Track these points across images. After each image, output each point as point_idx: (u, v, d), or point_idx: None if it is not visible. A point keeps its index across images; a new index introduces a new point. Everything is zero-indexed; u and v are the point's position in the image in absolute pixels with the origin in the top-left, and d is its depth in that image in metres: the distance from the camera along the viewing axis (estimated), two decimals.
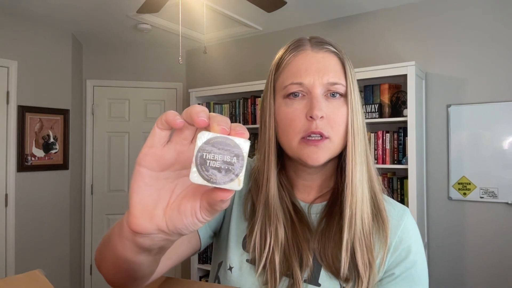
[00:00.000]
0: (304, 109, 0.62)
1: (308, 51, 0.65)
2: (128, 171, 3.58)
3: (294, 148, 0.63)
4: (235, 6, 2.65)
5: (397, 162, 2.36)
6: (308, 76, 0.63)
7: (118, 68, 3.57)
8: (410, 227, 0.68)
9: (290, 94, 0.64)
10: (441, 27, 2.47)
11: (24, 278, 0.62)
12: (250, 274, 0.65)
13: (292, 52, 0.66)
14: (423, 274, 0.65)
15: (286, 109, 0.64)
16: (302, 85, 0.63)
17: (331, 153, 0.64)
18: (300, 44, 0.66)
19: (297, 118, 0.62)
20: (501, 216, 2.27)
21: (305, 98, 0.63)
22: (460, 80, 2.41)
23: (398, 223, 0.67)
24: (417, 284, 0.64)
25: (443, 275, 2.44)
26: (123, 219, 0.42)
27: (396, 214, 0.68)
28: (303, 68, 0.63)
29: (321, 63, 0.63)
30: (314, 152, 0.62)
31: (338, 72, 0.64)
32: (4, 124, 2.78)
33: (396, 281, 0.64)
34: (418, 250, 0.66)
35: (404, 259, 0.64)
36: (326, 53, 0.65)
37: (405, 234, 0.66)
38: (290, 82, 0.63)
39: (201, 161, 0.33)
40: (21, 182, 2.85)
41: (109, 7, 2.65)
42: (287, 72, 0.65)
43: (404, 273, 0.64)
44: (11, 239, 2.79)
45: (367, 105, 2.44)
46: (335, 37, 2.88)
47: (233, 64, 3.38)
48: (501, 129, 2.27)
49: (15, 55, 2.83)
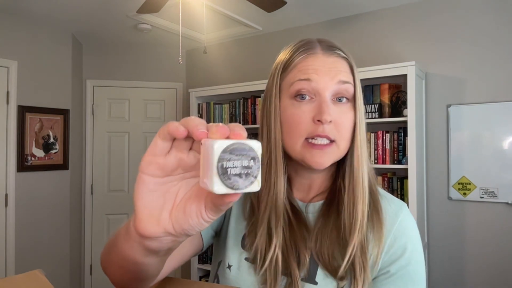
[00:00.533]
0: (311, 112, 0.62)
1: (319, 55, 0.65)
2: (128, 171, 3.58)
3: (298, 150, 0.63)
4: (235, 6, 2.65)
5: (397, 162, 2.36)
6: (318, 76, 0.62)
7: (118, 68, 3.57)
8: (406, 224, 0.67)
9: (297, 93, 0.63)
10: (441, 27, 2.47)
11: (24, 278, 0.62)
12: (249, 272, 0.66)
13: (302, 54, 0.66)
14: (420, 272, 0.65)
15: (293, 110, 0.63)
16: (309, 81, 0.62)
17: (336, 157, 0.64)
18: (310, 47, 0.66)
19: (304, 120, 0.62)
20: (501, 216, 2.27)
21: (313, 101, 0.63)
22: (460, 80, 2.41)
23: (393, 220, 0.66)
24: (413, 281, 0.63)
25: (443, 275, 2.44)
26: (129, 222, 0.43)
27: (392, 211, 0.67)
28: (312, 68, 0.63)
29: (332, 65, 0.64)
30: (319, 156, 0.62)
31: (348, 73, 0.65)
32: (4, 124, 2.78)
33: (392, 279, 0.63)
34: (414, 248, 0.65)
35: (399, 257, 0.64)
36: (337, 58, 0.65)
37: (400, 231, 0.65)
38: (298, 79, 0.63)
39: (223, 171, 0.33)
40: (21, 182, 2.85)
41: (109, 7, 2.65)
42: (295, 71, 0.65)
43: (400, 271, 0.63)
44: (11, 239, 2.79)
45: (367, 105, 2.44)
46: (335, 37, 2.88)
47: (233, 64, 3.38)
48: (501, 129, 2.27)
49: (15, 55, 2.83)
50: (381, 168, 2.51)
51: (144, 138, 3.61)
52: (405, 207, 0.69)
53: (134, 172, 3.57)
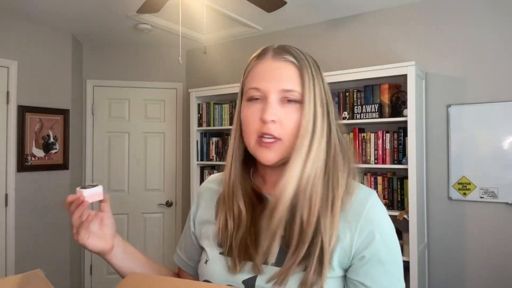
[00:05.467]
0: (259, 112, 0.69)
1: (268, 59, 0.71)
2: (128, 171, 3.57)
3: (252, 147, 0.71)
4: (235, 6, 2.65)
5: (397, 162, 2.36)
6: (264, 82, 0.70)
7: (118, 68, 3.58)
8: (375, 209, 0.70)
9: (250, 98, 0.71)
10: (441, 27, 2.47)
11: (24, 278, 0.62)
12: (221, 264, 0.73)
13: (256, 60, 0.73)
14: (394, 253, 0.69)
15: (246, 111, 0.72)
16: (258, 90, 0.70)
17: (283, 153, 0.70)
18: (264, 52, 0.73)
19: (253, 120, 0.70)
20: (501, 216, 2.27)
21: (262, 102, 0.70)
22: (460, 80, 2.41)
23: (362, 206, 0.69)
24: (389, 263, 0.67)
25: (443, 275, 2.44)
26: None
27: (361, 197, 0.70)
28: (261, 75, 0.71)
29: (277, 71, 0.70)
30: (266, 153, 0.69)
31: (294, 80, 0.69)
32: (4, 124, 2.78)
33: (369, 263, 0.66)
34: (385, 231, 0.69)
35: (371, 241, 0.67)
36: (284, 63, 0.70)
37: (370, 217, 0.68)
38: (249, 87, 0.72)
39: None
40: (21, 182, 2.85)
41: (109, 7, 2.65)
42: (249, 78, 0.73)
43: (375, 255, 0.66)
44: (11, 239, 2.79)
45: (367, 105, 2.44)
46: (335, 37, 2.89)
47: (233, 64, 3.38)
48: (501, 129, 2.27)
49: (15, 55, 2.83)
50: (381, 168, 2.52)
51: (144, 138, 3.62)
52: (374, 194, 0.72)
53: (134, 172, 3.58)
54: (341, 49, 2.86)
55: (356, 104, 2.52)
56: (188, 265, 0.88)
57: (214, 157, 3.22)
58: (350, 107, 2.55)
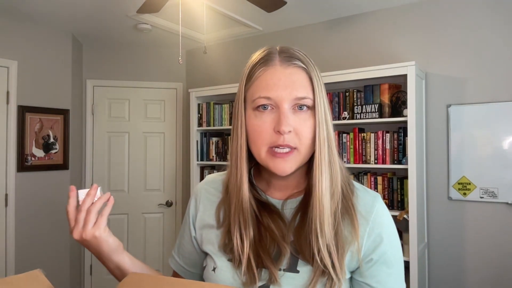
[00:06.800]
0: (272, 122, 0.66)
1: (277, 67, 0.68)
2: (128, 171, 3.57)
3: (262, 158, 0.68)
4: (235, 6, 2.65)
5: (397, 162, 2.36)
6: (277, 91, 0.66)
7: (118, 68, 3.58)
8: (382, 212, 0.71)
9: (259, 106, 0.67)
10: (441, 27, 2.47)
11: (24, 278, 0.62)
12: (232, 272, 0.70)
13: (262, 66, 0.69)
14: (398, 255, 0.71)
15: (255, 121, 0.68)
16: (269, 99, 0.66)
17: (299, 162, 0.68)
18: (269, 59, 0.69)
19: (265, 130, 0.66)
20: (501, 216, 2.27)
21: (274, 111, 0.67)
22: (460, 80, 2.41)
23: (370, 209, 0.70)
24: (394, 265, 0.69)
25: (443, 275, 2.44)
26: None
27: (368, 201, 0.72)
28: (271, 83, 0.67)
29: (289, 79, 0.67)
30: (282, 164, 0.66)
31: (306, 86, 0.67)
32: (4, 124, 2.78)
33: (376, 265, 0.68)
34: (391, 234, 0.71)
35: (379, 244, 0.68)
36: (294, 69, 0.68)
37: (378, 220, 0.70)
38: (258, 96, 0.67)
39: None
40: (21, 182, 2.85)
41: (109, 7, 2.65)
42: (256, 86, 0.68)
43: (382, 257, 0.68)
44: (11, 239, 2.79)
45: (367, 105, 2.44)
46: (335, 37, 2.89)
47: (233, 64, 3.38)
48: (501, 129, 2.27)
49: (15, 55, 2.83)
50: (381, 168, 2.52)
51: (144, 138, 3.62)
52: (379, 198, 0.74)
53: (134, 172, 3.58)
54: (341, 49, 2.86)
55: (356, 104, 2.52)
56: (186, 271, 0.86)
57: (214, 157, 3.22)
58: (350, 107, 2.55)
